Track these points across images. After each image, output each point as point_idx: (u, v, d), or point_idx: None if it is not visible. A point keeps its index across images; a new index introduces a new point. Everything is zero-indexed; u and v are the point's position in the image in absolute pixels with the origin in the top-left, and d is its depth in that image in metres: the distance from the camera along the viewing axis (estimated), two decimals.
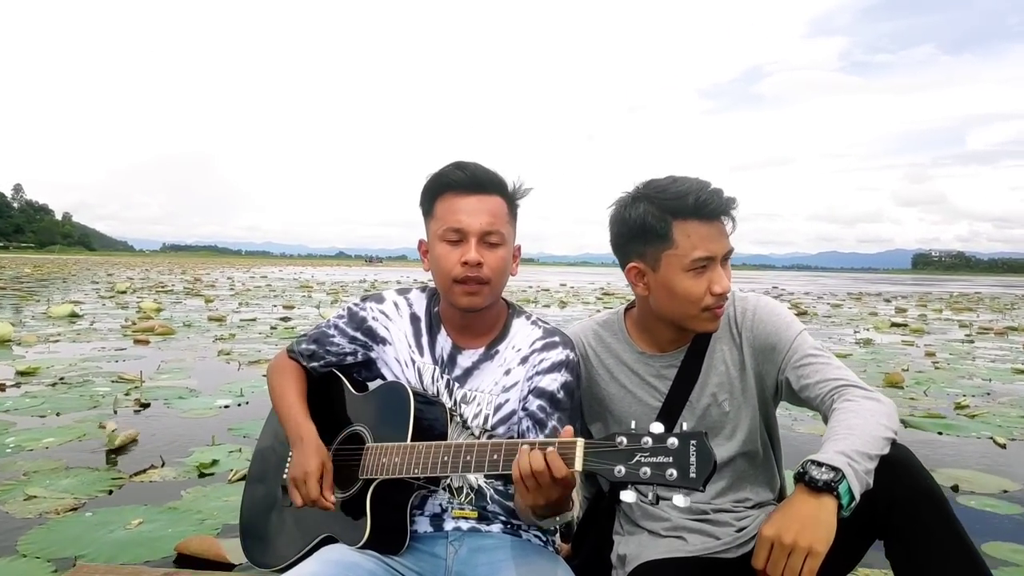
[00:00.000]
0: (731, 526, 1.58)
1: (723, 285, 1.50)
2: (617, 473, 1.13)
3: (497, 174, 1.57)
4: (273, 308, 15.33)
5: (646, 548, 1.57)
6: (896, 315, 18.42)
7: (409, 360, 1.65)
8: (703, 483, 1.08)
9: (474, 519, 1.57)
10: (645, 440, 1.13)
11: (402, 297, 1.72)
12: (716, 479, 1.60)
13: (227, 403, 5.34)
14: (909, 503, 1.34)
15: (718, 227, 1.51)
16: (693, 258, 1.49)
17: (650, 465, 1.11)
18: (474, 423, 1.58)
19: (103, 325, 10.77)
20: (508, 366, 1.61)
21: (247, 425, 4.61)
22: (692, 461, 1.09)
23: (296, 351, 1.73)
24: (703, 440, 1.10)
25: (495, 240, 1.54)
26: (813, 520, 1.23)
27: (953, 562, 1.32)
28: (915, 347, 10.64)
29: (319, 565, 1.41)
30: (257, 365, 7.15)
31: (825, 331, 13.12)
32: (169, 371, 6.72)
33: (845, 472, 1.24)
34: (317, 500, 1.47)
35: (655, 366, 1.65)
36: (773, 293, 30.90)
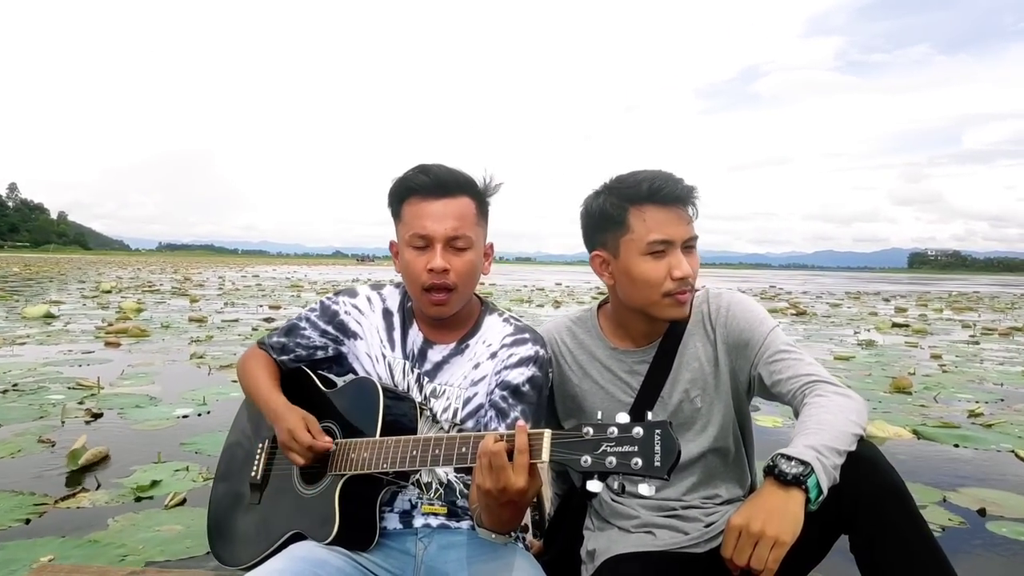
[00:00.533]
0: (700, 521, 1.58)
1: (683, 269, 1.50)
2: (583, 463, 1.14)
3: (463, 174, 1.56)
4: (259, 308, 14.94)
5: (615, 543, 1.57)
6: (896, 315, 18.09)
7: (380, 355, 1.64)
8: (667, 472, 1.09)
9: (444, 515, 1.56)
10: (611, 430, 1.13)
11: (375, 292, 1.72)
12: (686, 475, 1.62)
13: (187, 413, 4.95)
14: (874, 499, 1.34)
15: (676, 212, 1.52)
16: (649, 241, 1.51)
17: (616, 455, 1.12)
18: (443, 417, 1.57)
19: (77, 326, 10.37)
20: (478, 360, 1.61)
21: (202, 439, 4.22)
22: (657, 450, 1.09)
23: (267, 344, 1.73)
24: (667, 429, 1.11)
25: (461, 244, 1.53)
26: (781, 511, 1.24)
27: (916, 557, 1.33)
28: (919, 349, 10.29)
29: (286, 562, 1.38)
30: (229, 370, 6.76)
31: (825, 331, 12.77)
32: (133, 376, 6.33)
33: (814, 466, 1.26)
34: (312, 445, 1.47)
35: (627, 362, 1.65)
36: (771, 292, 30.59)
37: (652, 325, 1.63)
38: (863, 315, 17.69)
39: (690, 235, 1.55)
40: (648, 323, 1.63)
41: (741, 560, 1.26)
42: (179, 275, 35.08)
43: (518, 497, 1.23)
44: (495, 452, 1.22)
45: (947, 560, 1.35)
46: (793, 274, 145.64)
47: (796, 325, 14.12)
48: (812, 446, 1.30)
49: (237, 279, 31.75)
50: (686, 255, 1.54)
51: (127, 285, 23.54)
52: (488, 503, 1.30)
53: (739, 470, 1.69)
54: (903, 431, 4.84)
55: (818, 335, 12.03)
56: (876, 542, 1.35)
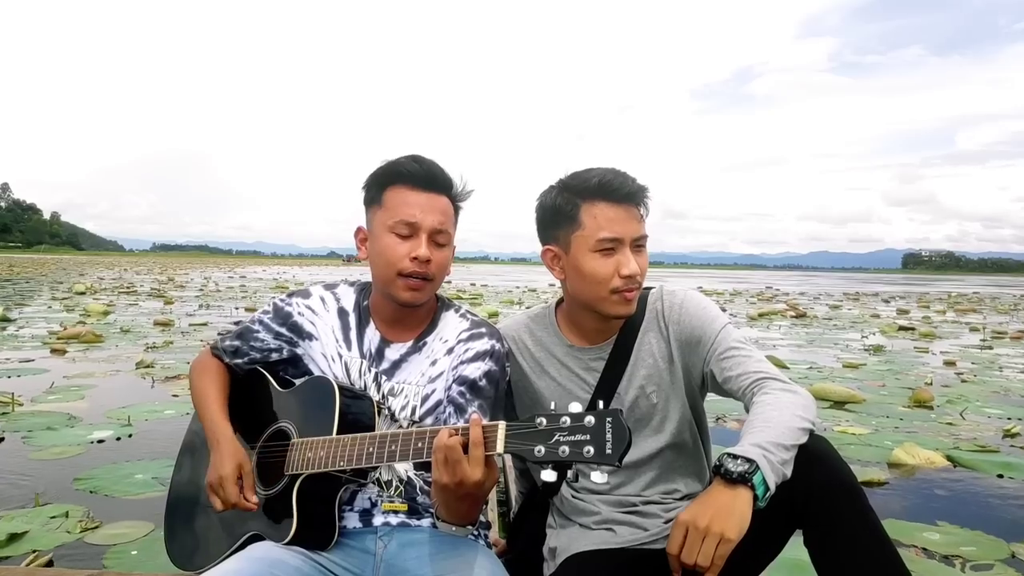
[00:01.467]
0: (659, 517, 1.58)
1: (630, 268, 1.52)
2: (537, 453, 1.14)
3: (449, 175, 1.56)
4: (234, 310, 14.25)
5: (576, 540, 1.58)
6: (900, 317, 17.49)
7: (336, 355, 1.61)
8: (619, 459, 1.10)
9: (404, 512, 1.53)
10: (563, 420, 1.14)
11: (329, 292, 1.69)
12: (645, 470, 1.62)
13: (105, 436, 4.27)
14: (825, 494, 1.34)
15: (627, 211, 1.53)
16: (599, 238, 1.52)
17: (568, 444, 1.12)
18: (402, 415, 1.55)
19: (29, 331, 9.67)
20: (435, 357, 1.59)
21: (104, 474, 3.54)
22: (608, 438, 1.10)
23: (220, 348, 1.69)
24: (618, 417, 1.11)
25: (442, 240, 1.54)
26: (727, 509, 1.25)
27: (867, 551, 1.33)
28: (931, 354, 9.66)
29: (243, 563, 1.35)
30: (175, 382, 6.08)
31: (829, 336, 12.12)
32: (62, 390, 5.63)
33: (759, 463, 1.27)
34: (237, 503, 1.44)
35: (583, 359, 1.66)
36: (767, 293, 29.99)
37: (604, 322, 1.63)
38: (865, 317, 17.08)
39: (639, 234, 1.55)
40: (599, 320, 1.62)
41: (689, 558, 1.26)
42: (164, 276, 34.25)
43: (475, 489, 1.23)
44: (450, 446, 1.21)
45: (897, 554, 1.35)
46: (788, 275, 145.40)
47: (797, 328, 13.47)
48: (758, 444, 1.30)
49: (223, 280, 31.01)
50: (635, 254, 1.54)
51: (105, 286, 22.78)
52: (446, 497, 1.31)
53: (697, 465, 1.68)
54: (936, 456, 4.18)
55: (822, 339, 11.39)
56: (829, 538, 1.35)
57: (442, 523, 1.41)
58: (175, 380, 6.16)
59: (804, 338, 11.56)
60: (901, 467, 4.05)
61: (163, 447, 4.04)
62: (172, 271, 45.37)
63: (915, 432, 4.91)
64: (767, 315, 16.55)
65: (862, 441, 4.63)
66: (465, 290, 25.15)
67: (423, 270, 1.50)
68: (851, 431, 4.87)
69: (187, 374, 6.46)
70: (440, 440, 1.23)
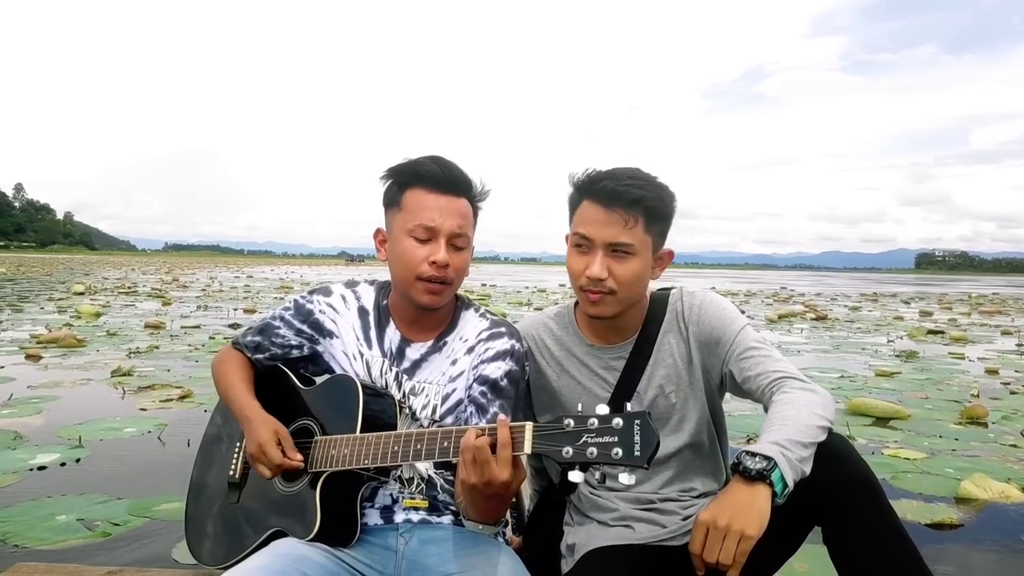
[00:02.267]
0: (677, 515, 1.58)
1: (592, 271, 1.51)
2: (565, 454, 1.14)
3: (469, 176, 1.56)
4: (232, 312, 13.75)
5: (594, 537, 1.57)
6: (924, 319, 16.80)
7: (357, 353, 1.62)
8: (647, 460, 1.10)
9: (425, 509, 1.54)
10: (591, 421, 1.14)
11: (350, 290, 1.69)
12: (663, 469, 1.62)
13: (49, 461, 3.73)
14: (844, 490, 1.35)
15: (609, 214, 1.50)
16: (572, 232, 1.56)
17: (596, 445, 1.12)
18: (422, 414, 1.56)
19: (9, 335, 9.20)
20: (455, 356, 1.59)
21: (20, 513, 3.00)
22: (637, 440, 1.10)
23: (241, 343, 1.69)
24: (647, 419, 1.11)
25: (461, 243, 1.53)
26: (747, 506, 1.25)
27: (886, 547, 1.33)
28: (968, 361, 9.00)
29: (268, 559, 1.36)
30: (148, 393, 5.57)
31: (855, 340, 11.47)
32: (21, 403, 5.12)
33: (777, 461, 1.27)
34: (282, 464, 1.44)
35: (604, 358, 1.66)
36: (783, 294, 29.29)
37: (606, 321, 1.62)
38: (888, 320, 16.40)
39: (615, 240, 1.50)
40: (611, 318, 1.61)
41: (711, 556, 1.26)
42: (169, 276, 33.85)
43: (503, 490, 1.24)
44: (479, 447, 1.22)
45: (917, 551, 1.34)
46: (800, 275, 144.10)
47: (819, 331, 12.83)
48: (776, 442, 1.30)
49: (229, 280, 30.62)
50: (613, 259, 1.52)
51: (107, 287, 22.38)
52: (473, 497, 1.30)
53: (714, 464, 1.68)
54: (1011, 489, 3.57)
55: (848, 344, 10.74)
56: (847, 534, 1.35)
57: (469, 522, 1.40)
58: (148, 391, 5.63)
59: (828, 342, 10.92)
60: (971, 502, 3.45)
61: (108, 476, 3.52)
62: (179, 271, 45.08)
63: (976, 456, 4.30)
64: (786, 317, 15.90)
65: (919, 468, 4.02)
66: (473, 290, 24.59)
67: (441, 274, 1.49)
68: (903, 455, 4.26)
69: (162, 384, 5.87)
70: (468, 441, 1.23)
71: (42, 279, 27.60)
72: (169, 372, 6.55)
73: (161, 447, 4.10)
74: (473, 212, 1.57)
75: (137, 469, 3.69)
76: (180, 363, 7.14)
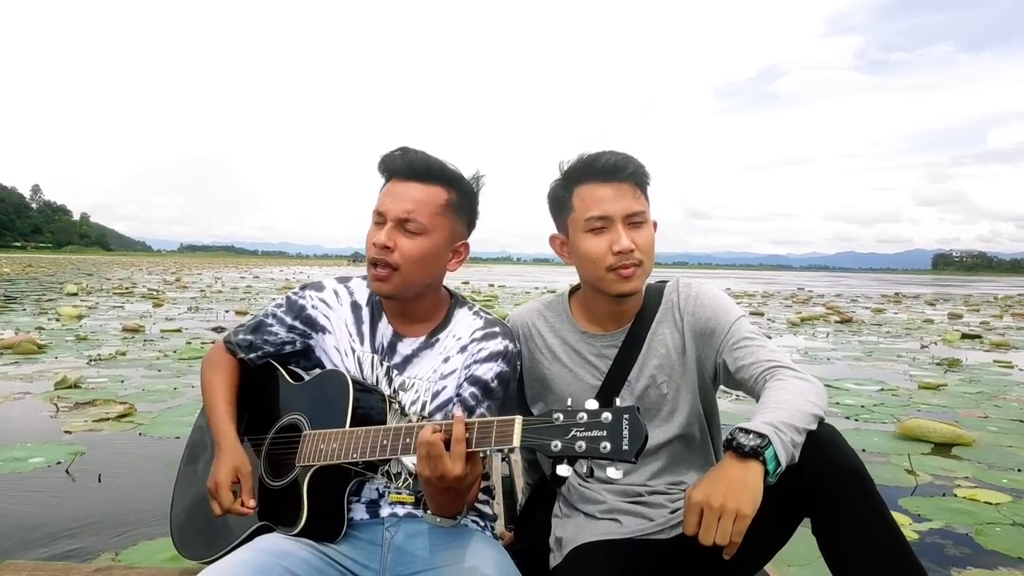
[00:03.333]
0: (665, 508, 1.57)
1: (621, 244, 1.51)
2: (554, 448, 1.15)
3: (440, 163, 1.53)
4: (224, 314, 13.08)
5: (582, 530, 1.56)
6: (954, 322, 15.87)
7: (349, 349, 1.61)
8: (635, 455, 1.11)
9: (411, 504, 1.53)
10: (580, 416, 1.15)
11: (342, 286, 1.69)
12: (651, 461, 1.62)
13: None
14: (832, 480, 1.33)
15: (615, 188, 1.52)
16: (587, 217, 1.53)
17: (585, 439, 1.13)
18: (412, 410, 1.55)
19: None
20: (447, 354, 1.59)
21: None
22: (625, 434, 1.11)
23: (233, 342, 1.68)
24: (635, 414, 1.12)
25: (413, 228, 1.50)
26: (740, 484, 1.24)
27: (874, 536, 1.32)
28: (1019, 370, 8.13)
29: (250, 554, 1.35)
30: (86, 410, 4.85)
31: (887, 345, 10.60)
32: None
33: (771, 439, 1.26)
34: (230, 509, 1.44)
35: (596, 345, 1.66)
36: (801, 295, 28.33)
37: (617, 305, 1.62)
38: (917, 323, 15.48)
39: (631, 210, 1.53)
40: (611, 303, 1.62)
41: (707, 539, 1.24)
42: (173, 277, 33.30)
43: (456, 484, 1.25)
44: (431, 442, 1.23)
45: (906, 542, 1.33)
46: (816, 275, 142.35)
47: (846, 336, 11.96)
48: (769, 422, 1.29)
49: (233, 280, 30.04)
50: (631, 230, 1.53)
51: (105, 287, 21.81)
52: (429, 490, 1.33)
53: (705, 458, 1.67)
54: None
55: (880, 350, 9.88)
56: (836, 524, 1.34)
57: (427, 515, 1.41)
58: (86, 408, 4.92)
59: (858, 348, 10.07)
60: None
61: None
62: (187, 271, 44.64)
63: None
64: (809, 320, 15.02)
65: (1007, 517, 3.19)
66: (480, 291, 23.85)
67: (382, 256, 1.49)
68: (981, 497, 3.44)
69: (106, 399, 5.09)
70: (423, 436, 1.25)
71: (44, 279, 27.11)
72: (122, 383, 5.84)
73: (66, 484, 3.36)
74: (456, 204, 1.55)
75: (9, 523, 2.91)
76: (139, 373, 6.42)
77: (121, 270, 43.98)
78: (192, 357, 7.30)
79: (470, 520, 1.57)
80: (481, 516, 1.60)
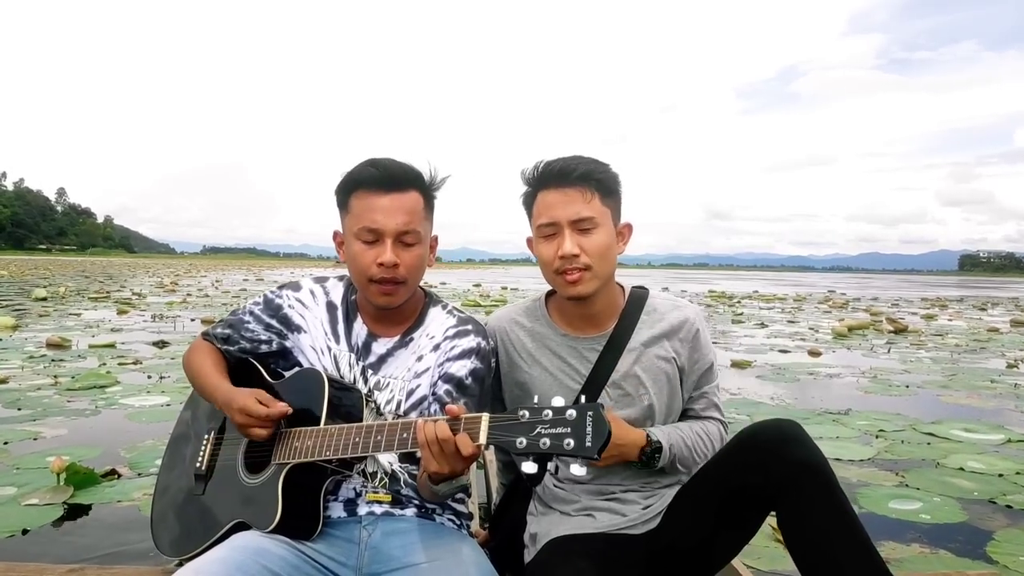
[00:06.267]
0: (638, 504, 1.61)
1: (564, 248, 1.54)
2: (519, 444, 1.17)
3: (412, 168, 1.56)
4: (190, 322, 11.51)
5: (556, 526, 1.60)
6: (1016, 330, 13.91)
7: (325, 348, 1.63)
8: (598, 451, 1.13)
9: (388, 503, 1.54)
10: (546, 413, 1.18)
11: (319, 285, 1.71)
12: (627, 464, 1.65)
13: None
14: (796, 476, 1.37)
15: (564, 194, 1.56)
16: (539, 224, 1.59)
17: (550, 436, 1.15)
18: (387, 409, 1.57)
19: None
20: (421, 352, 1.60)
21: None
22: (588, 431, 1.13)
23: (211, 334, 1.70)
24: (599, 412, 1.15)
25: (410, 240, 1.53)
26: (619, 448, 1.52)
27: (835, 529, 1.35)
28: None
29: (227, 551, 1.36)
30: None
31: (967, 364, 8.71)
32: None
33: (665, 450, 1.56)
34: (269, 413, 1.44)
35: (578, 348, 1.67)
36: (836, 299, 26.35)
37: (581, 308, 1.64)
38: (981, 332, 13.55)
39: (578, 215, 1.55)
40: (576, 306, 1.64)
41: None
42: (169, 280, 31.88)
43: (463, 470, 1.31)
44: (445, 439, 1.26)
45: (866, 534, 1.36)
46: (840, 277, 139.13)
47: (910, 350, 10.08)
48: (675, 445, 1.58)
49: (236, 283, 28.64)
50: (580, 235, 1.55)
51: (85, 290, 20.39)
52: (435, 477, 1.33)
53: None
54: None
55: (963, 371, 8.00)
56: (799, 518, 1.37)
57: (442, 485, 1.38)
58: None
59: (934, 368, 8.21)
60: None
61: None
62: (195, 273, 43.39)
63: None
64: (857, 329, 13.14)
65: None
66: (489, 294, 22.18)
67: (391, 275, 1.51)
68: None
69: None
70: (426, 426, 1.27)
71: (34, 282, 25.77)
72: None
73: None
74: (427, 203, 1.57)
75: None
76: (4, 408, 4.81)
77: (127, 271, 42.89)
78: (86, 387, 5.67)
79: (446, 519, 1.59)
80: (457, 515, 1.62)
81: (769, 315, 17.07)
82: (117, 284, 25.59)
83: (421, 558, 1.42)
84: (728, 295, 28.17)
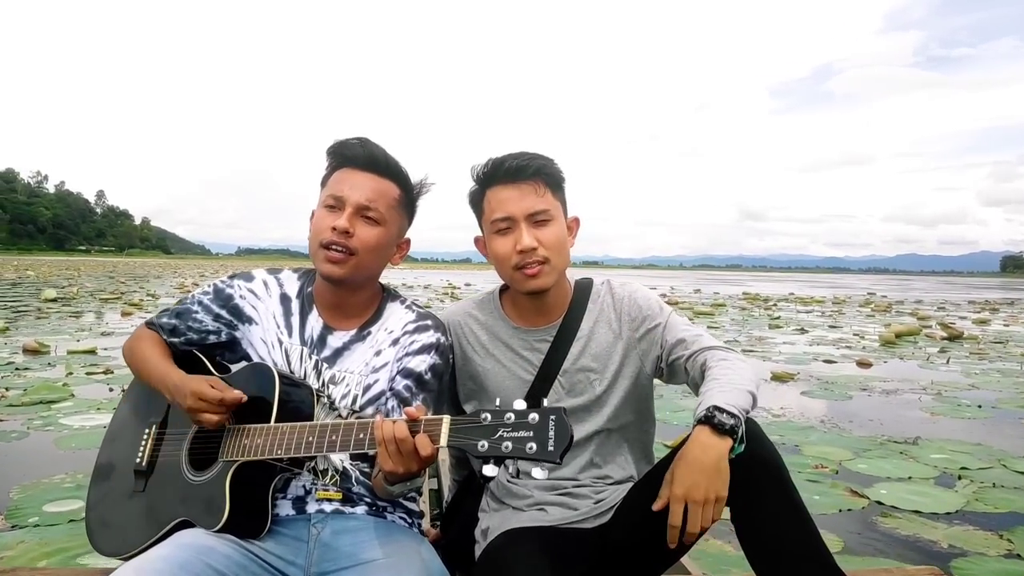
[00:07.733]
0: (589, 499, 1.62)
1: (523, 243, 1.54)
2: (480, 447, 1.16)
3: (396, 162, 1.57)
4: None
5: (507, 521, 1.60)
6: None
7: (276, 341, 1.58)
8: (560, 456, 1.12)
9: (338, 500, 1.51)
10: (508, 416, 1.16)
11: (272, 277, 1.67)
12: (579, 453, 1.64)
13: None
14: (750, 470, 1.37)
15: (517, 188, 1.56)
16: (492, 219, 1.58)
17: (512, 439, 1.14)
18: (342, 403, 1.53)
19: None
20: (379, 347, 1.58)
21: None
22: (551, 435, 1.12)
23: (157, 324, 1.62)
24: (562, 416, 1.14)
25: (372, 216, 1.51)
26: (714, 469, 1.30)
27: (786, 523, 1.36)
28: None
29: (170, 549, 1.31)
30: None
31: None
32: None
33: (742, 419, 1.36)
34: (223, 398, 1.40)
35: (529, 340, 1.67)
36: (878, 302, 25.06)
37: (537, 301, 1.65)
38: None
39: (533, 209, 1.56)
40: (531, 299, 1.64)
41: (695, 528, 1.30)
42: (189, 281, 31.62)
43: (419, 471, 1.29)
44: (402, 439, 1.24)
45: (815, 527, 1.38)
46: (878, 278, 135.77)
47: (971, 360, 9.05)
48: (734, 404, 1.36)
49: None
50: (535, 228, 1.56)
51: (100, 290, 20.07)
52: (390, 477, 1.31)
53: (636, 452, 1.70)
54: None
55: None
56: (752, 512, 1.38)
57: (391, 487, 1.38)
58: None
59: (1006, 382, 7.22)
60: None
61: None
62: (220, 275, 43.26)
63: None
64: (906, 335, 12.07)
65: None
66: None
67: (342, 240, 1.47)
68: None
69: None
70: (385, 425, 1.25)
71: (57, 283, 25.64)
72: None
73: None
74: (405, 201, 1.58)
75: None
76: None
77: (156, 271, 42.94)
78: (31, 403, 5.00)
79: (397, 516, 1.56)
80: (408, 513, 1.59)
81: (808, 319, 16.02)
82: (138, 285, 25.33)
83: (371, 556, 1.41)
84: (763, 297, 27.03)
